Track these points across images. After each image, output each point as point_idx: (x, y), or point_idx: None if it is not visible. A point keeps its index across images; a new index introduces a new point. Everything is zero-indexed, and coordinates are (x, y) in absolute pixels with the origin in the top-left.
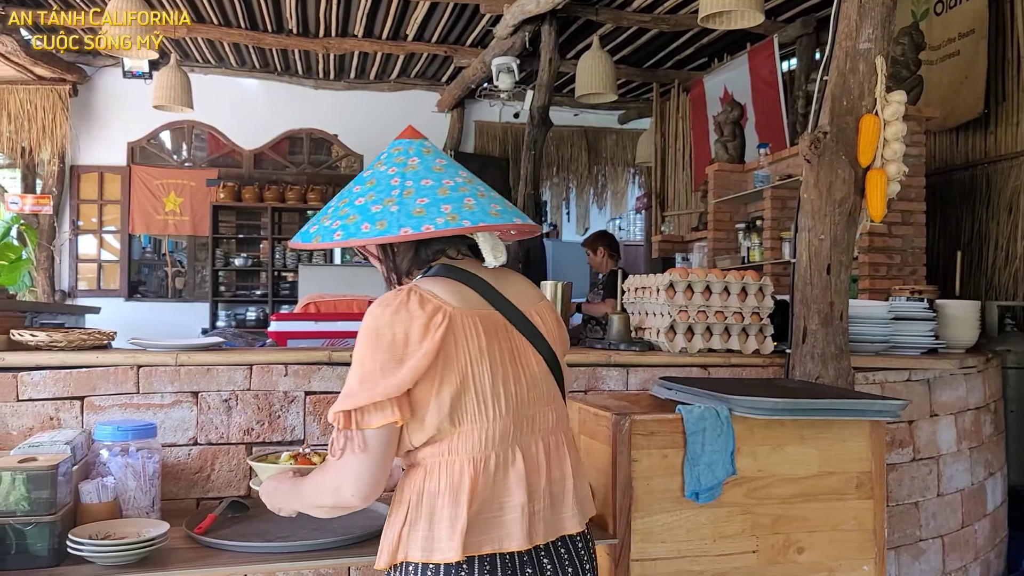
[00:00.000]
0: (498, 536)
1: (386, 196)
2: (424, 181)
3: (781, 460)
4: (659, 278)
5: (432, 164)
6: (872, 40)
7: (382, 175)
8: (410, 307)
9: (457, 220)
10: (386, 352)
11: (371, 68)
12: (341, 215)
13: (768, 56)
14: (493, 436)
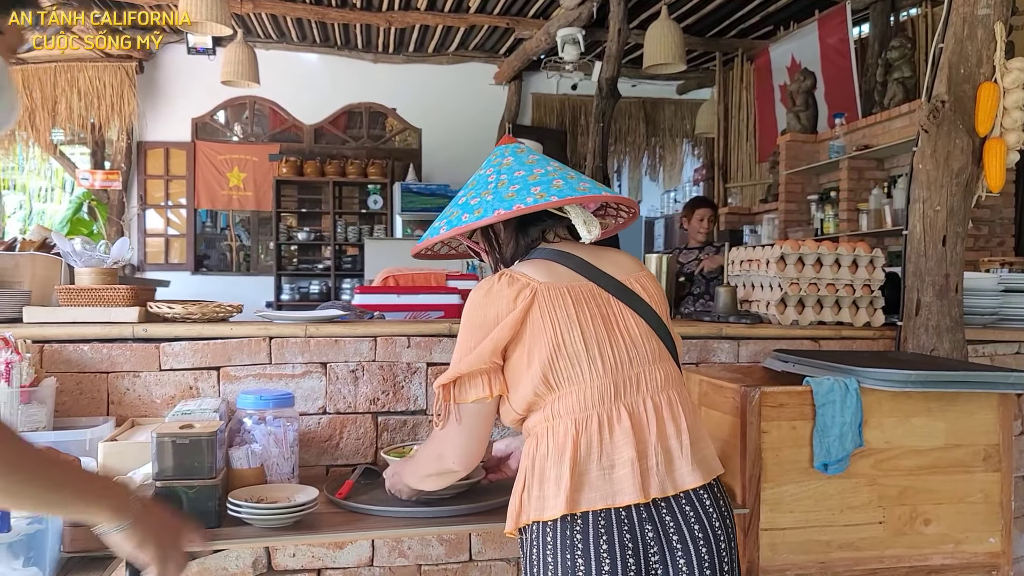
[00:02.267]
0: (610, 492)
1: (483, 190)
2: (517, 172)
3: (908, 432)
4: (769, 251)
5: (525, 159)
6: (991, 6)
7: (481, 176)
8: (499, 288)
9: (545, 197)
10: (478, 331)
11: (430, 41)
12: (446, 214)
13: (840, 23)
14: (592, 396)
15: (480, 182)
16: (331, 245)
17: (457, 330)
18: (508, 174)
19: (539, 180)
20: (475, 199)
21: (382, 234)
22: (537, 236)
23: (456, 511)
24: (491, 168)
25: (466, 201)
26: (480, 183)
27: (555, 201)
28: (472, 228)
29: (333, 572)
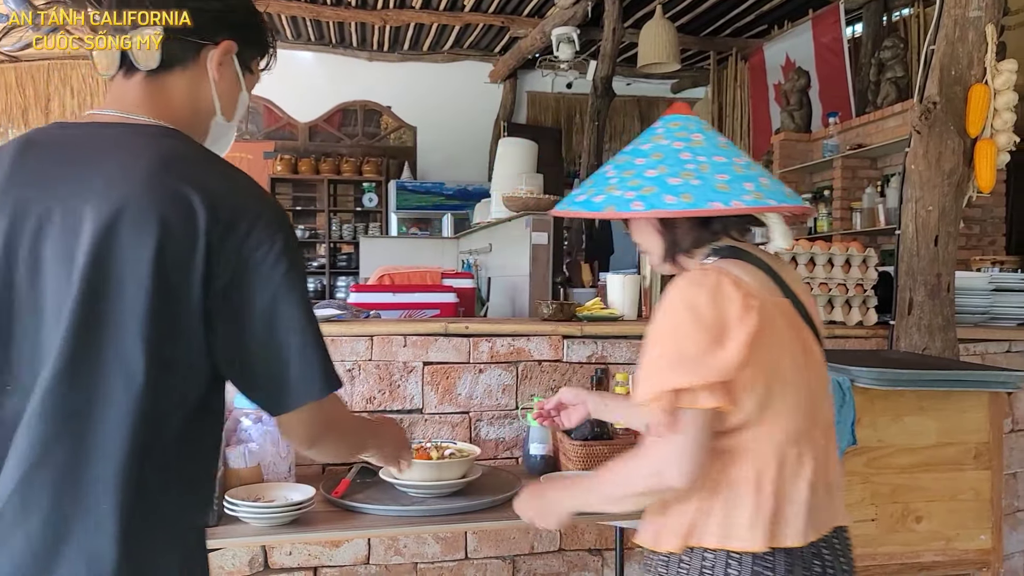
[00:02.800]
0: (800, 528)
1: (681, 170)
2: (716, 157)
3: (900, 431)
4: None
5: (717, 142)
6: (982, 8)
7: (668, 149)
8: (725, 289)
9: (762, 199)
10: (706, 333)
11: (425, 39)
12: (632, 185)
13: (833, 22)
14: (796, 426)
15: (671, 157)
16: (326, 243)
17: (453, 329)
18: (707, 157)
19: (746, 174)
20: (675, 179)
21: (377, 232)
22: (719, 230)
23: (452, 509)
24: (681, 143)
25: (660, 177)
26: (671, 158)
27: (772, 207)
28: (678, 215)
29: (329, 570)
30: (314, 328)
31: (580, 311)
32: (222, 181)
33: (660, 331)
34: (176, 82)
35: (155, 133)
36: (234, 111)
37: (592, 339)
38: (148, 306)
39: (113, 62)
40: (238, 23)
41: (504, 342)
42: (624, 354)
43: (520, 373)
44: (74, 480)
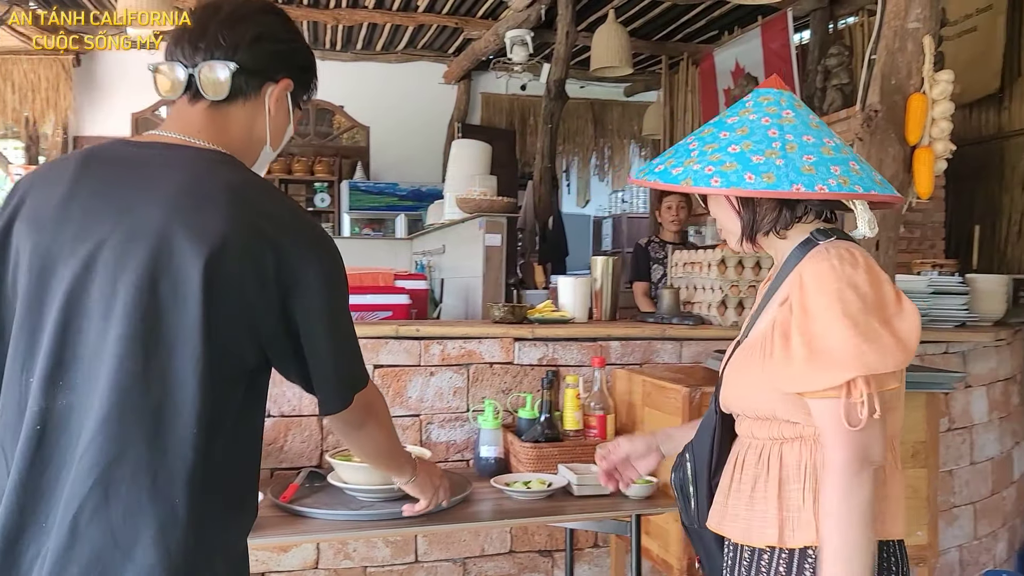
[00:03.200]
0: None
1: (767, 148)
2: (805, 137)
3: None
4: (710, 254)
5: (808, 120)
6: (920, 20)
7: (755, 124)
8: (873, 267)
9: (848, 184)
10: (875, 312)
11: (378, 39)
12: (713, 160)
13: (781, 29)
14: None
15: (757, 133)
16: None
17: (404, 332)
18: (796, 136)
19: (835, 158)
20: (758, 156)
21: (329, 233)
22: (803, 213)
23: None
24: (769, 118)
25: (743, 153)
26: (758, 135)
27: (858, 194)
28: (757, 196)
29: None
30: (350, 332)
31: (531, 313)
32: (278, 207)
33: (826, 316)
34: (237, 112)
35: (216, 159)
36: (280, 142)
37: (543, 341)
38: (209, 317)
39: (177, 88)
40: (298, 64)
41: (455, 345)
42: (575, 356)
43: (471, 375)
44: (151, 475)
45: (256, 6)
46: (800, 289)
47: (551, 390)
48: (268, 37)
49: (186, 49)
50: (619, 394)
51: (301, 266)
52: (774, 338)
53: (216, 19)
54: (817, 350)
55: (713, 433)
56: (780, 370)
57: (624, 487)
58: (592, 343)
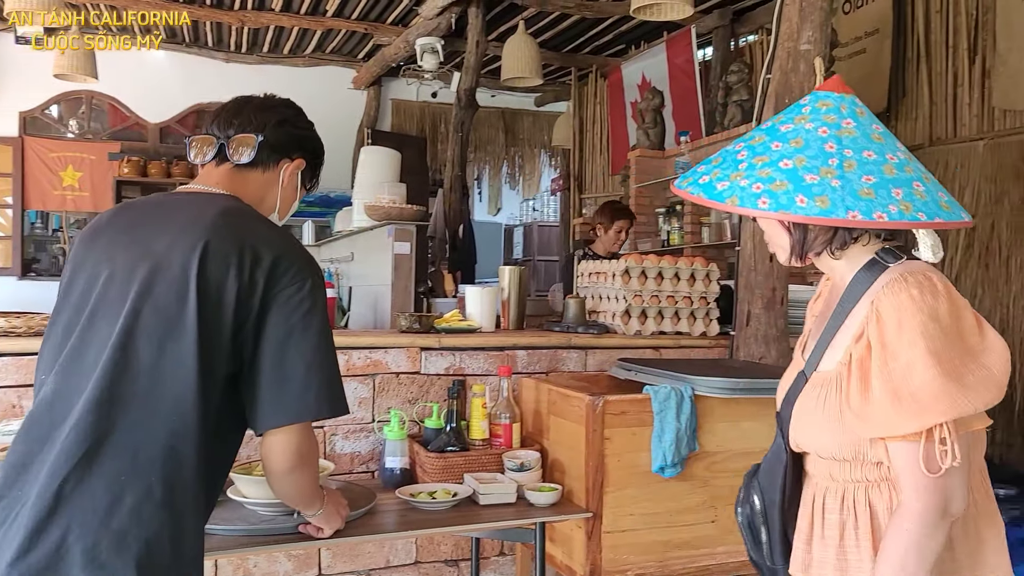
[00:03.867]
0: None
1: (822, 165)
2: (866, 152)
3: (738, 435)
4: (615, 264)
5: (871, 131)
6: (812, 42)
7: (811, 135)
8: (953, 293)
9: (911, 211)
10: (957, 345)
11: (286, 43)
12: (763, 176)
13: (685, 45)
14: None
15: (813, 146)
16: None
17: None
18: (855, 152)
19: (897, 177)
20: (812, 175)
21: None
22: (860, 234)
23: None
24: (827, 128)
25: (796, 171)
26: (813, 148)
27: (921, 222)
28: (808, 222)
29: None
30: (321, 361)
31: (439, 323)
32: (269, 232)
33: (909, 354)
34: (256, 177)
35: (224, 198)
36: (287, 212)
37: (450, 351)
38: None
39: (208, 154)
40: (311, 148)
41: (361, 355)
42: (481, 365)
43: (377, 386)
44: (133, 455)
45: (281, 100)
46: (878, 324)
47: (457, 399)
48: (290, 123)
49: (221, 124)
50: (525, 403)
51: (281, 284)
52: (851, 379)
53: (250, 105)
54: (901, 393)
55: (785, 470)
56: (859, 413)
57: None
58: (499, 352)
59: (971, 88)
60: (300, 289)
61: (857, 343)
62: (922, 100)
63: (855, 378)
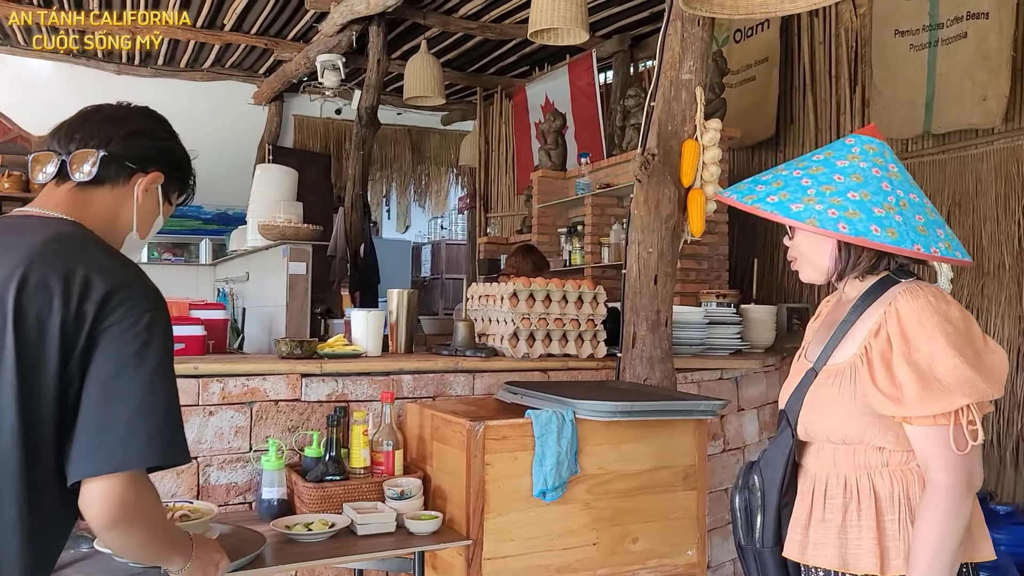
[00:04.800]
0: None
1: (883, 201)
2: (912, 195)
3: (619, 458)
4: (503, 287)
5: (910, 178)
6: (693, 72)
7: (868, 174)
8: (962, 307)
9: (951, 250)
10: (969, 345)
11: (181, 56)
12: (835, 204)
13: (587, 68)
14: None
15: (871, 184)
16: None
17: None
18: (904, 193)
19: (935, 220)
20: (879, 209)
21: None
22: (890, 264)
23: None
24: (878, 169)
25: (864, 203)
26: (872, 185)
27: (957, 260)
28: (880, 248)
29: None
30: (154, 403)
31: (322, 348)
32: (105, 260)
33: (931, 346)
34: (103, 196)
35: (60, 222)
36: (148, 231)
37: (333, 377)
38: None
39: (49, 172)
40: (170, 161)
41: (237, 382)
42: (366, 391)
43: (255, 414)
44: None
45: (136, 109)
46: (899, 322)
47: (338, 427)
48: (145, 134)
49: (62, 139)
50: (410, 428)
51: (113, 318)
52: (874, 367)
53: (96, 116)
54: (928, 379)
55: (788, 456)
56: (888, 395)
57: None
58: (384, 377)
59: (853, 116)
60: (136, 323)
61: (876, 337)
62: (808, 127)
63: (878, 366)
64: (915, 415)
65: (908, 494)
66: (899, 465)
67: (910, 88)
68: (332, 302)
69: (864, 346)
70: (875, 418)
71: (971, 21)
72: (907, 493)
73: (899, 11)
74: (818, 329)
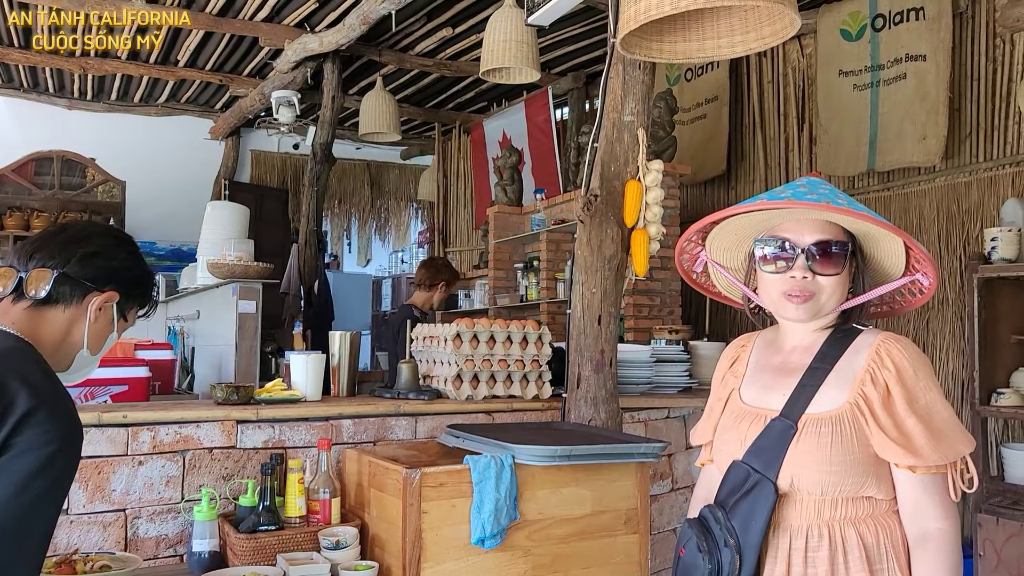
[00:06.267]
0: None
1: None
2: None
3: (559, 502)
4: (446, 328)
5: None
6: (635, 114)
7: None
8: None
9: None
10: None
11: (135, 91)
12: None
13: (543, 105)
14: None
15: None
16: None
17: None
18: None
19: None
20: None
21: None
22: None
23: None
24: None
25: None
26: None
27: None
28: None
29: None
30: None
31: (259, 393)
32: (38, 381)
33: (929, 397)
34: (56, 315)
35: (6, 336)
36: (99, 348)
37: (270, 423)
38: None
39: (8, 288)
40: (128, 279)
41: (169, 430)
42: (304, 437)
43: (187, 463)
44: None
45: (99, 230)
46: (896, 371)
47: (272, 475)
48: (103, 255)
49: (23, 257)
50: (349, 475)
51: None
52: (878, 416)
53: (59, 236)
54: (932, 428)
55: (769, 514)
56: (897, 445)
57: None
58: (323, 422)
59: (801, 154)
60: (40, 449)
61: (870, 386)
62: (758, 163)
63: (880, 415)
64: (926, 464)
65: (892, 541)
66: (882, 514)
67: (855, 127)
68: (284, 340)
69: (858, 394)
70: (873, 467)
71: (910, 63)
72: (891, 540)
73: (843, 52)
74: (775, 369)
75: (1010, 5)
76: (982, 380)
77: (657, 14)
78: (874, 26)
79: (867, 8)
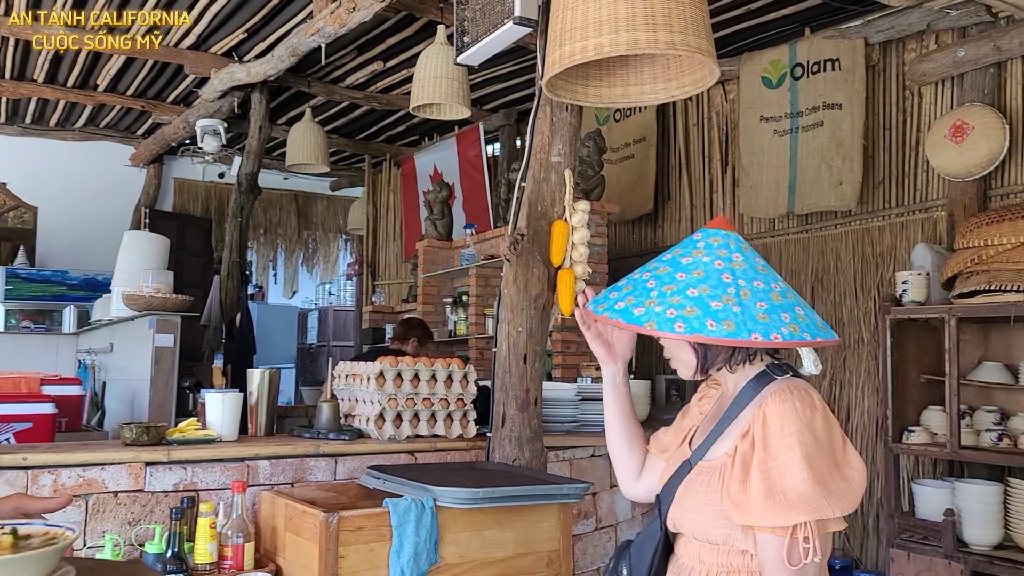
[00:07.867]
0: None
1: (723, 294)
2: (756, 282)
3: (481, 545)
4: (370, 366)
5: (756, 264)
6: (562, 155)
7: (709, 267)
8: (827, 412)
9: (798, 332)
10: (827, 456)
11: (51, 115)
12: (674, 303)
13: (474, 140)
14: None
15: (712, 277)
16: None
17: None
18: (747, 282)
19: (783, 303)
20: (716, 303)
21: None
22: (755, 352)
23: None
24: (720, 261)
25: (702, 298)
26: (712, 279)
27: (807, 341)
28: (717, 343)
29: None
30: None
31: (171, 433)
32: None
33: (787, 456)
34: None
35: None
36: None
37: (182, 464)
38: None
39: None
40: None
41: (72, 473)
42: (218, 478)
43: (91, 508)
44: None
45: None
46: (763, 426)
47: (182, 520)
48: None
49: None
50: (264, 518)
51: None
52: (734, 470)
53: None
54: (775, 490)
55: (656, 547)
56: (737, 501)
57: None
58: (239, 463)
59: (724, 195)
60: None
61: (743, 439)
62: (684, 203)
63: (737, 469)
64: (755, 523)
65: None
66: (757, 569)
67: (775, 171)
68: (203, 374)
69: (735, 447)
70: None
71: (827, 111)
72: None
73: (764, 98)
74: (706, 415)
75: (917, 60)
76: (895, 418)
77: (581, 59)
78: (793, 75)
79: (787, 57)
